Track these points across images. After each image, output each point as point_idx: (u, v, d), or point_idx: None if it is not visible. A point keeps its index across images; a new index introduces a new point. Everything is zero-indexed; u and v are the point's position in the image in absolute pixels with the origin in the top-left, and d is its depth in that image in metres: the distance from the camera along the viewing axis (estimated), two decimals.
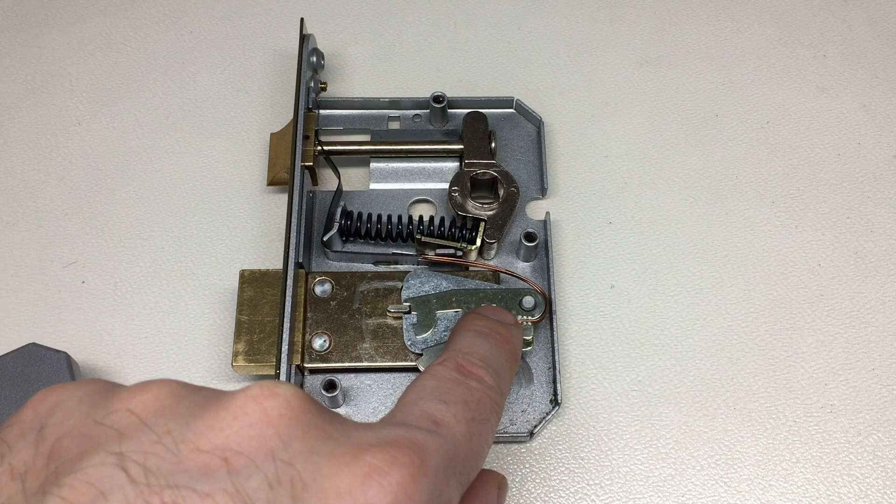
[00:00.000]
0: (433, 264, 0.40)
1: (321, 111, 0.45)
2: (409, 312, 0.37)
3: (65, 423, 0.21)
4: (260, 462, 0.19)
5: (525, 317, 0.37)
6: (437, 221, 0.41)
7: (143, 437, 0.20)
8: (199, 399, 0.21)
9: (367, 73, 0.48)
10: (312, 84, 0.44)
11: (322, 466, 0.20)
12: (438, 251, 0.40)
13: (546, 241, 0.41)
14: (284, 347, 0.36)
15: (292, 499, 0.19)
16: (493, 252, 0.41)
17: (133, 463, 0.19)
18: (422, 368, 0.37)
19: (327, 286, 0.39)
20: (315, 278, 0.39)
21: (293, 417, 0.21)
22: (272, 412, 0.20)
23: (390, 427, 0.22)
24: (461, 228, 0.40)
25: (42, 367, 0.36)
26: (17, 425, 0.21)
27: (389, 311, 0.38)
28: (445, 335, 0.37)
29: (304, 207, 0.40)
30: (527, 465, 0.37)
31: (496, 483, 0.28)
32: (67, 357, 0.36)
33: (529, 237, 0.40)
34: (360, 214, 0.41)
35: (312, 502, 0.19)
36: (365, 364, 0.37)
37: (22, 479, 0.19)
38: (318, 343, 0.37)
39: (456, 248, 0.40)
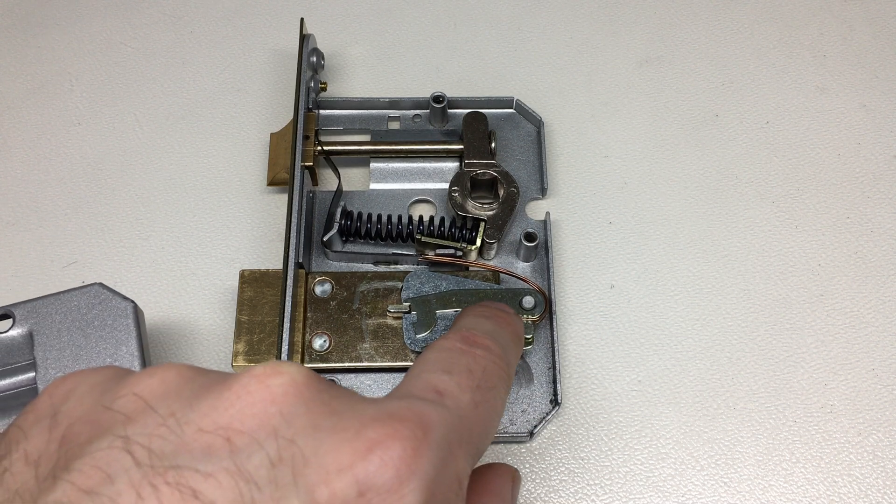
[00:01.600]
0: (433, 264, 0.40)
1: (321, 111, 0.45)
2: (409, 312, 0.37)
3: (76, 409, 0.21)
4: (262, 440, 0.19)
5: (525, 317, 0.37)
6: (437, 221, 0.41)
7: (148, 420, 0.20)
8: (205, 381, 0.21)
9: (367, 73, 0.48)
10: (312, 84, 0.44)
11: (324, 442, 0.20)
12: (438, 251, 0.40)
13: (546, 241, 0.41)
14: (284, 347, 0.36)
15: (294, 476, 0.19)
16: (493, 252, 0.41)
17: (138, 446, 0.19)
18: None
19: (327, 286, 0.39)
20: (315, 278, 0.39)
21: (297, 394, 0.20)
22: (276, 390, 0.20)
23: (394, 400, 0.22)
24: (461, 228, 0.40)
25: (107, 313, 0.34)
26: (32, 413, 0.21)
27: (389, 311, 0.38)
28: None
29: (304, 207, 0.40)
30: (527, 465, 0.37)
31: (510, 476, 0.27)
32: (135, 307, 0.35)
33: (529, 237, 0.40)
34: (360, 214, 0.41)
35: (313, 478, 0.19)
36: (365, 364, 0.37)
37: (35, 465, 0.20)
38: (318, 343, 0.37)
39: (456, 248, 0.40)
